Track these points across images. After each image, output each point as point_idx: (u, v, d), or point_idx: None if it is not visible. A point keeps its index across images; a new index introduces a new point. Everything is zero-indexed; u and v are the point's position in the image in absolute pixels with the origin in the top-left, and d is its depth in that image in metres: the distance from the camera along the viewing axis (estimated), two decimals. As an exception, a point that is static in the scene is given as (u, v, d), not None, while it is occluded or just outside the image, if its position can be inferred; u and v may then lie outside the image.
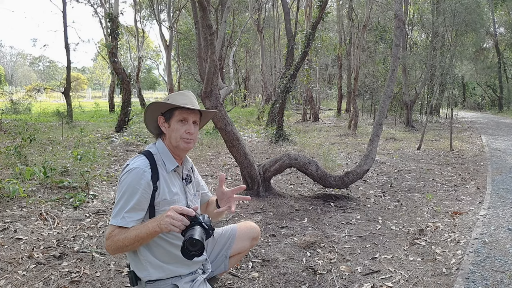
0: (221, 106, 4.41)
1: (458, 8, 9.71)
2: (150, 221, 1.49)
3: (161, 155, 1.66)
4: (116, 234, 1.49)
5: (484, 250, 3.16)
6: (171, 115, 1.66)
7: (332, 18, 20.45)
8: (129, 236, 1.48)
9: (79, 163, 5.22)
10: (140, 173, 1.55)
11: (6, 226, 3.38)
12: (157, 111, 1.69)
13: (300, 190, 5.22)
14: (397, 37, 5.33)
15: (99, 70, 59.61)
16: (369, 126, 14.45)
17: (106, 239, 1.52)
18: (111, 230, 1.51)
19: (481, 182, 5.81)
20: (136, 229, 1.49)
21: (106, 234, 1.52)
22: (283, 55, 13.40)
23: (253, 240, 2.07)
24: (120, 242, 1.48)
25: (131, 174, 1.55)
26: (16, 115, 15.17)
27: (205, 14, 3.96)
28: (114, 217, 1.52)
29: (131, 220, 1.51)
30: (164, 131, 1.69)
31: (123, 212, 1.51)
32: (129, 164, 1.61)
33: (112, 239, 1.49)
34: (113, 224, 1.51)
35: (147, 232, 1.47)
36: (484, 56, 27.00)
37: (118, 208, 1.53)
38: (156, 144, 1.72)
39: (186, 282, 1.63)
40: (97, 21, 50.92)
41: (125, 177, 1.56)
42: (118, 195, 1.55)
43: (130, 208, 1.52)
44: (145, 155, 1.64)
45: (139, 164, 1.58)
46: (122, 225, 1.50)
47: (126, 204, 1.52)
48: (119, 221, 1.50)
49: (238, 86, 27.92)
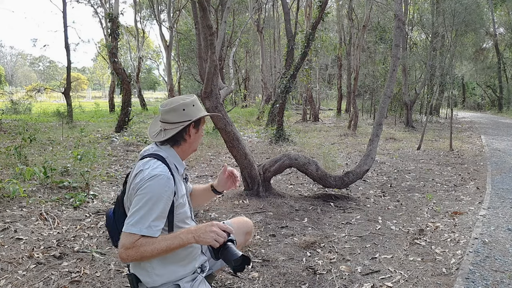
0: (221, 106, 4.41)
1: (458, 8, 9.71)
2: (183, 233, 1.47)
3: (172, 159, 1.63)
4: (143, 244, 1.41)
5: (484, 250, 3.17)
6: (199, 122, 1.70)
7: (332, 18, 20.44)
8: (159, 247, 1.42)
9: (79, 163, 5.22)
10: (165, 179, 1.49)
11: (6, 226, 3.38)
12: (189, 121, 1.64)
13: (300, 190, 5.22)
14: (397, 37, 5.33)
15: (99, 70, 59.62)
16: (369, 126, 14.46)
17: (125, 248, 1.41)
18: (134, 239, 1.41)
19: (481, 182, 5.82)
20: (165, 240, 1.44)
21: (126, 243, 1.41)
22: (283, 55, 13.41)
23: (247, 235, 2.06)
24: (148, 253, 1.41)
25: (156, 181, 1.47)
26: (16, 115, 15.17)
27: (205, 15, 3.96)
28: (134, 225, 1.42)
29: (157, 229, 1.45)
30: (189, 139, 1.67)
31: (148, 220, 1.43)
32: (144, 169, 1.52)
33: (136, 249, 1.40)
34: (135, 232, 1.41)
35: (180, 244, 1.45)
36: (484, 56, 27.01)
37: (140, 216, 1.43)
38: (161, 147, 1.65)
39: (187, 282, 1.63)
40: (97, 21, 50.96)
41: (149, 184, 1.46)
42: (139, 202, 1.45)
43: (156, 217, 1.45)
44: (159, 159, 1.58)
45: (162, 170, 1.51)
46: (149, 235, 1.42)
47: (152, 212, 1.44)
48: (144, 230, 1.42)
49: (238, 86, 27.94)
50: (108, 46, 11.33)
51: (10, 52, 71.65)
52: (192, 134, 1.67)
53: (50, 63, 67.03)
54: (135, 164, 1.62)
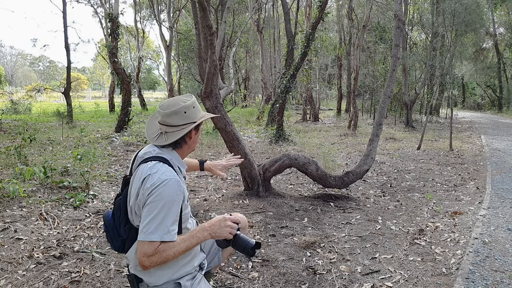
0: (221, 106, 4.41)
1: (457, 8, 9.71)
2: (198, 231, 1.51)
3: (175, 161, 1.64)
4: (165, 250, 1.44)
5: (484, 250, 3.17)
6: (199, 124, 1.71)
7: (332, 18, 20.45)
8: (179, 249, 1.46)
9: (79, 163, 5.22)
10: (175, 183, 1.50)
11: (6, 226, 3.38)
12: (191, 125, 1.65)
13: (300, 190, 5.22)
14: (397, 37, 5.33)
15: (99, 70, 59.59)
16: (369, 126, 14.46)
17: (147, 256, 1.42)
18: (155, 247, 1.43)
19: (480, 182, 5.82)
20: (184, 241, 1.47)
21: (147, 251, 1.42)
22: (283, 55, 13.41)
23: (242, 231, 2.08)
24: (170, 257, 1.44)
25: (168, 186, 1.47)
26: (16, 115, 15.18)
27: (205, 15, 3.96)
28: (153, 232, 1.43)
29: (175, 233, 1.48)
30: (188, 141, 1.68)
31: (167, 226, 1.45)
32: (151, 174, 1.51)
33: (159, 255, 1.43)
34: (155, 240, 1.42)
35: (197, 242, 1.49)
36: (483, 56, 27.03)
37: (158, 223, 1.43)
38: (163, 150, 1.64)
39: (188, 280, 1.64)
40: (97, 21, 50.87)
41: (162, 190, 1.46)
42: (155, 209, 1.44)
43: (173, 221, 1.48)
44: (164, 162, 1.58)
45: (170, 175, 1.51)
46: (169, 240, 1.45)
47: (168, 217, 1.45)
48: (165, 237, 1.44)
49: (238, 86, 27.94)
50: (108, 46, 11.34)
51: (10, 52, 71.68)
52: (192, 136, 1.69)
53: (50, 63, 67.05)
54: (137, 167, 1.59)
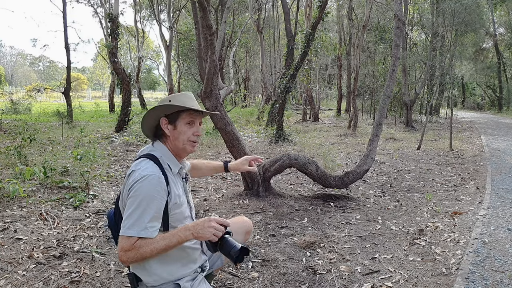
0: (221, 106, 4.41)
1: (457, 8, 9.71)
2: (180, 230, 1.47)
3: (165, 158, 1.62)
4: (142, 246, 1.42)
5: (484, 250, 3.17)
6: (177, 117, 1.63)
7: (332, 18, 20.44)
8: (158, 246, 1.43)
9: (79, 163, 5.22)
10: (155, 179, 1.49)
11: (6, 226, 3.38)
12: (161, 113, 1.63)
13: (300, 190, 5.22)
14: (396, 38, 5.33)
15: (99, 70, 59.60)
16: (368, 126, 14.46)
17: (124, 251, 1.42)
18: (132, 242, 1.42)
19: (480, 182, 5.82)
20: (164, 239, 1.45)
21: (124, 246, 1.43)
22: (283, 55, 13.41)
23: (246, 234, 2.07)
24: (147, 254, 1.43)
25: (147, 181, 1.47)
26: (16, 115, 15.18)
27: (205, 15, 3.96)
28: (130, 228, 1.43)
29: (154, 230, 1.46)
30: (167, 133, 1.64)
31: (144, 222, 1.44)
32: (136, 170, 1.52)
33: (135, 251, 1.42)
34: (132, 235, 1.43)
35: (178, 241, 1.45)
36: (483, 56, 27.06)
37: (135, 219, 1.44)
38: (155, 146, 1.66)
39: (187, 281, 1.63)
40: (97, 21, 50.82)
41: (140, 185, 1.47)
42: (133, 204, 1.45)
43: (151, 218, 1.46)
44: (151, 159, 1.58)
45: (152, 171, 1.51)
46: (146, 236, 1.43)
47: (146, 213, 1.45)
48: (141, 232, 1.43)
49: (238, 86, 27.93)
50: (108, 46, 11.34)
51: (10, 52, 71.74)
52: (169, 129, 1.64)
53: (50, 63, 67.06)
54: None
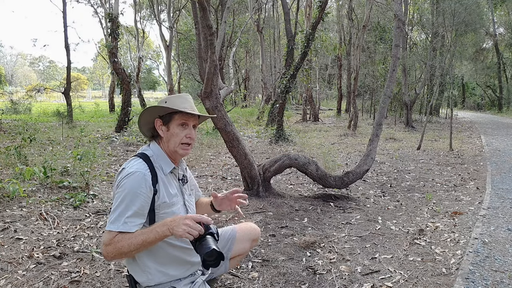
0: (221, 106, 4.41)
1: (457, 8, 9.71)
2: (158, 225, 1.45)
3: (157, 158, 1.63)
4: (120, 240, 1.42)
5: (484, 250, 3.17)
6: (171, 119, 1.63)
7: (332, 18, 20.46)
8: (135, 241, 1.42)
9: (79, 163, 5.22)
10: (140, 177, 1.50)
11: (6, 226, 3.38)
12: (155, 114, 1.65)
13: (300, 190, 5.22)
14: (397, 38, 5.33)
15: (99, 70, 59.55)
16: (369, 126, 14.46)
17: (104, 245, 1.43)
18: (112, 236, 1.43)
19: (480, 182, 5.82)
20: (142, 234, 1.44)
21: (105, 240, 1.44)
22: (283, 55, 13.41)
23: (253, 242, 2.06)
24: (125, 248, 1.42)
25: (132, 178, 1.49)
26: (16, 115, 15.19)
27: (205, 15, 3.96)
28: (112, 222, 1.45)
29: (134, 225, 1.46)
30: (161, 134, 1.65)
31: (124, 217, 1.45)
32: (125, 167, 1.54)
33: (114, 245, 1.42)
34: (112, 229, 1.44)
35: (156, 237, 1.43)
36: (483, 56, 27.05)
37: (117, 214, 1.45)
38: (151, 146, 1.67)
39: (186, 284, 1.62)
40: (97, 21, 50.91)
41: (125, 182, 1.49)
42: (117, 200, 1.48)
43: (132, 213, 1.46)
44: (142, 157, 1.59)
45: (138, 168, 1.52)
46: (124, 230, 1.43)
47: (127, 209, 1.46)
48: (120, 227, 1.43)
49: (238, 86, 27.93)
50: (108, 46, 11.33)
51: (10, 52, 71.77)
52: (163, 131, 1.65)
53: (50, 63, 67.00)
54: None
